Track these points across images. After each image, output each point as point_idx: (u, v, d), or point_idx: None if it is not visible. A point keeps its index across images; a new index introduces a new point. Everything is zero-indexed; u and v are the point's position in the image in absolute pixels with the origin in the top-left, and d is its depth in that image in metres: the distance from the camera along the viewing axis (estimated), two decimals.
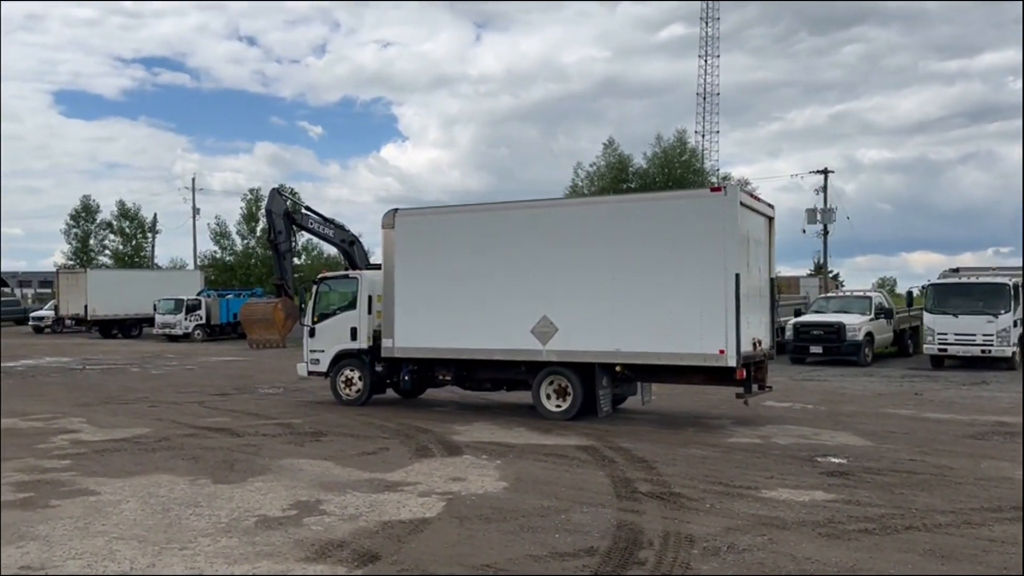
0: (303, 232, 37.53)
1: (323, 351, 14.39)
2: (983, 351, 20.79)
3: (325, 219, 34.35)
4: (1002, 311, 20.62)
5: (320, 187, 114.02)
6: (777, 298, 13.52)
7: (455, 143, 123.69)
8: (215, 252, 58.31)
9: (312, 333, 14.55)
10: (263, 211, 39.33)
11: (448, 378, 13.63)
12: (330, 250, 47.75)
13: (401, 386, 13.96)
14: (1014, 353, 20.73)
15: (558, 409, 12.37)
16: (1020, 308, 21.16)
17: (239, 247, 57.93)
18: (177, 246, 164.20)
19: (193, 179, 61.78)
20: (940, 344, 21.33)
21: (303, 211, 35.14)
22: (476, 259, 12.84)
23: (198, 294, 39.14)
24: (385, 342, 13.46)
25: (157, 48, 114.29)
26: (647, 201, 12.98)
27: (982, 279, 22.28)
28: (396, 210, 13.58)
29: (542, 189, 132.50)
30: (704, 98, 61.40)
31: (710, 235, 11.23)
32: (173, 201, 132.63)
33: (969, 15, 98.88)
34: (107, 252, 62.36)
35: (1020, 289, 21.37)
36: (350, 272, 15.17)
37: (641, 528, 6.62)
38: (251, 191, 58.27)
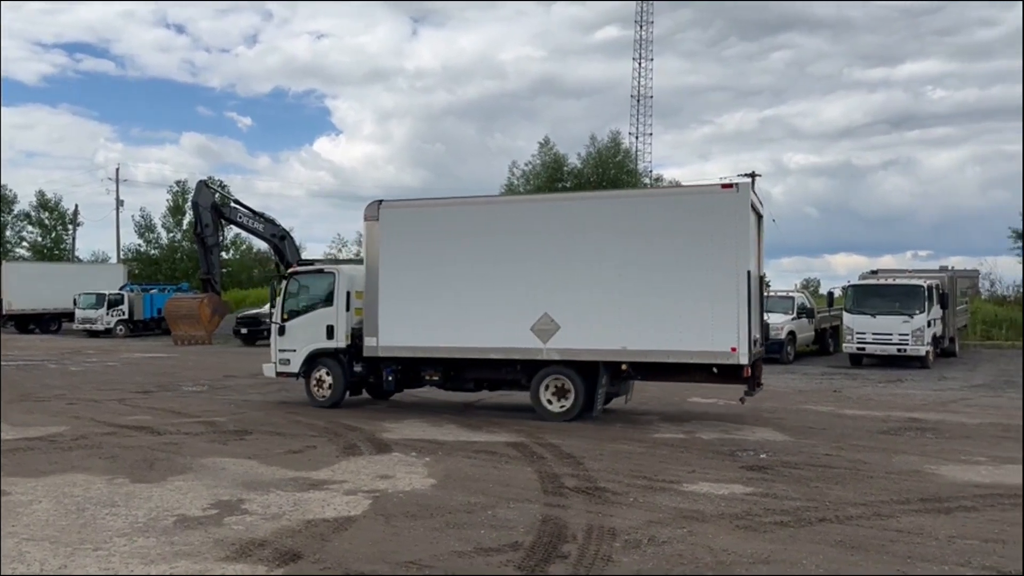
0: (231, 226, 36.75)
1: (294, 351, 13.55)
2: (899, 350, 21.64)
3: (254, 213, 33.68)
4: (917, 311, 21.50)
5: (250, 180, 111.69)
6: (766, 296, 13.42)
7: (390, 138, 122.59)
8: (139, 245, 56.74)
9: (282, 331, 13.70)
10: (190, 204, 38.37)
11: (435, 378, 13.00)
12: (260, 245, 46.93)
13: (384, 387, 13.27)
14: (928, 352, 21.65)
15: (561, 409, 12.01)
16: (935, 309, 22.13)
17: (165, 241, 56.45)
18: (99, 239, 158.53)
19: (117, 170, 59.80)
20: (859, 343, 22.13)
21: (231, 204, 34.43)
22: (471, 254, 12.33)
23: (121, 288, 37.97)
24: (368, 341, 12.78)
25: (80, 34, 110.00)
26: (655, 196, 12.86)
27: (899, 281, 23.22)
28: (380, 201, 12.96)
29: (479, 186, 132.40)
30: (638, 100, 62.40)
31: (721, 232, 11.12)
32: (95, 192, 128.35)
33: (892, 25, 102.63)
34: (25, 244, 59.99)
35: (935, 291, 22.35)
36: (325, 266, 14.40)
37: (566, 522, 6.70)
38: (177, 183, 56.91)
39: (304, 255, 42.29)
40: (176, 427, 11.48)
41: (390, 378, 13.09)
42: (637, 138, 60.61)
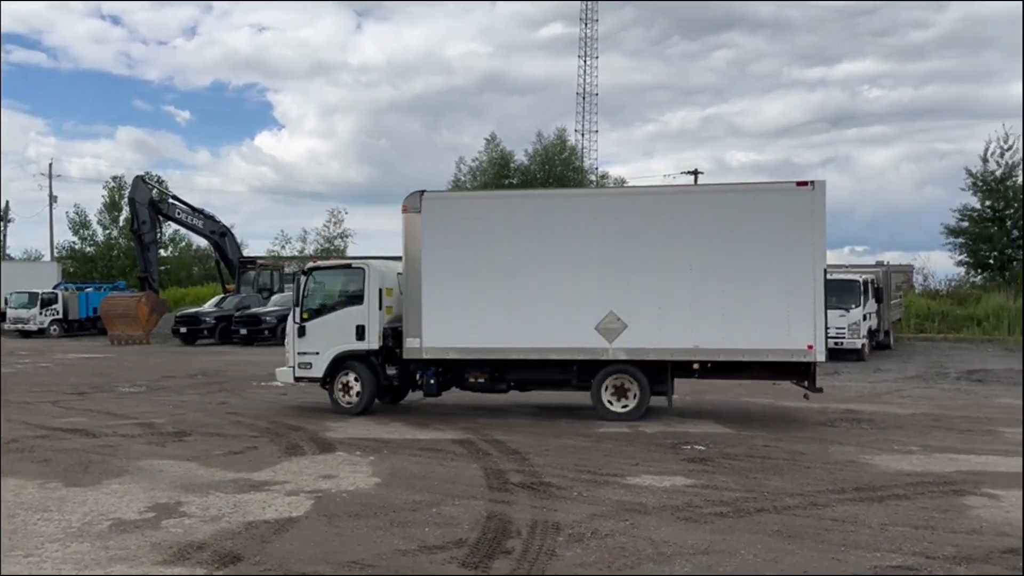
0: (170, 223, 35.89)
1: (317, 353, 12.37)
2: (836, 343, 22.12)
3: (194, 209, 32.97)
4: (853, 306, 22.07)
5: (189, 175, 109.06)
6: None
7: (334, 133, 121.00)
8: (74, 243, 54.92)
9: (302, 332, 12.45)
10: (126, 200, 37.37)
11: (480, 380, 12.31)
12: (200, 242, 45.96)
13: (425, 391, 12.43)
14: (863, 345, 22.25)
15: (624, 410, 11.74)
16: (870, 303, 22.76)
17: (100, 238, 54.77)
18: (32, 236, 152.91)
19: (50, 165, 58.01)
20: None
21: (169, 200, 33.65)
22: (528, 250, 11.75)
23: (54, 287, 36.73)
24: (410, 342, 11.95)
25: (10, 24, 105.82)
26: (729, 192, 12.16)
27: (836, 276, 23.76)
28: (423, 192, 12.28)
29: (425, 182, 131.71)
30: (583, 98, 62.72)
31: (798, 229, 11.11)
32: (27, 188, 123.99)
33: (830, 25, 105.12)
34: None
35: (871, 286, 22.98)
36: (353, 261, 13.23)
37: (510, 518, 6.72)
38: (113, 178, 55.32)
39: (246, 252, 41.70)
40: (112, 429, 11.18)
41: (432, 381, 12.30)
42: (583, 135, 60.96)
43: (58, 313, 34.57)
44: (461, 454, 9.46)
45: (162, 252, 45.23)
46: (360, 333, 12.28)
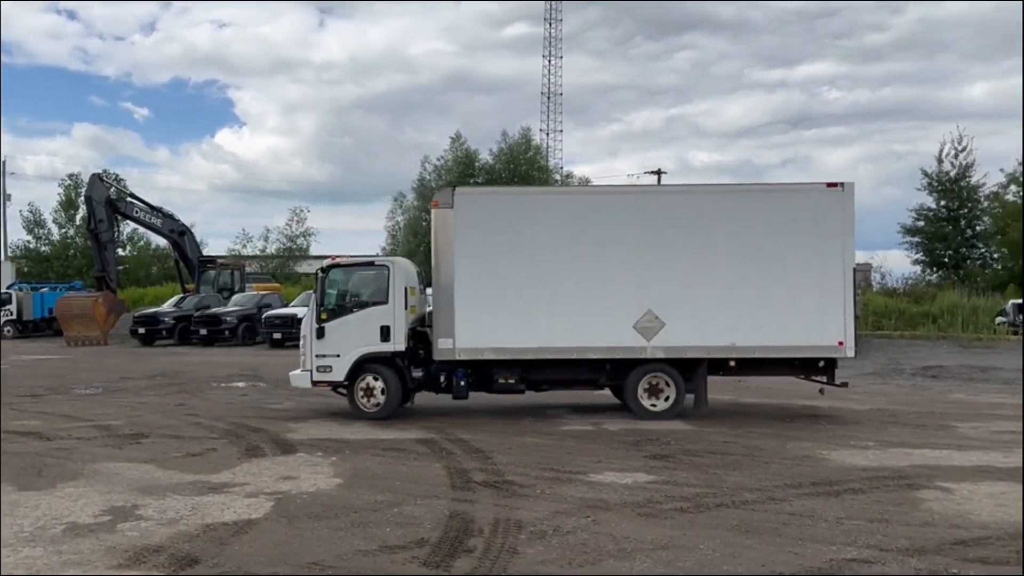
0: (128, 221, 35.33)
1: (338, 355, 11.76)
2: None
3: (152, 207, 32.47)
4: None
5: (148, 173, 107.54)
6: None
7: (296, 131, 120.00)
8: (28, 242, 53.69)
9: (321, 334, 11.77)
10: (83, 198, 36.62)
11: (510, 381, 11.98)
12: (159, 241, 45.24)
13: (455, 392, 12.01)
14: None
15: (664, 407, 11.74)
16: None
17: (56, 237, 53.64)
18: None
19: (3, 162, 56.47)
20: None
21: (127, 199, 33.09)
22: (565, 248, 11.62)
23: (9, 287, 35.92)
24: (443, 343, 11.62)
25: None
26: (764, 192, 12.27)
27: None
28: (455, 187, 12.08)
29: (389, 181, 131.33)
30: (548, 97, 62.96)
31: (829, 229, 11.44)
32: None
33: (790, 27, 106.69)
34: None
35: None
36: (376, 258, 12.66)
37: (473, 517, 6.72)
38: (70, 176, 54.29)
39: (206, 251, 41.15)
40: (67, 432, 10.96)
41: (463, 382, 11.94)
42: (548, 135, 61.20)
43: (12, 314, 33.78)
44: (424, 453, 9.43)
45: (120, 251, 44.44)
46: (385, 334, 11.75)
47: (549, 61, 63.03)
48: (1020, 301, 33.26)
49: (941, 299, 32.85)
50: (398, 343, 11.78)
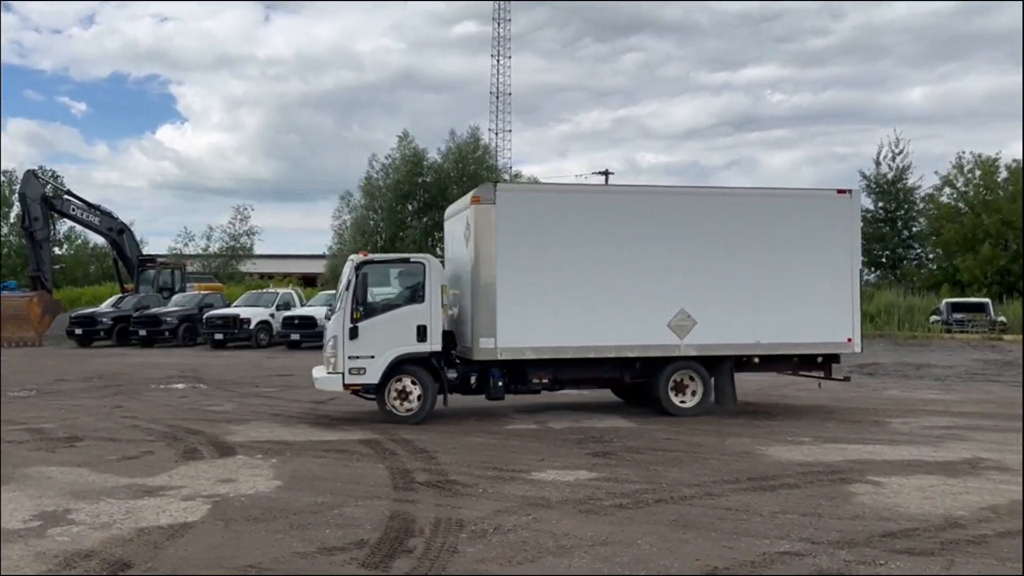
0: (64, 219, 34.36)
1: (372, 356, 11.23)
2: None
3: (90, 205, 31.65)
4: None
5: (86, 170, 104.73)
6: None
7: (241, 127, 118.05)
8: None
9: (354, 334, 11.22)
10: (16, 195, 35.47)
11: (544, 380, 11.87)
12: (97, 239, 44.10)
13: (492, 392, 11.71)
14: None
15: (692, 404, 11.97)
16: None
17: None
18: None
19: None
20: None
21: (64, 196, 32.20)
22: (604, 246, 11.65)
23: None
24: (484, 343, 11.31)
25: None
26: (783, 197, 12.93)
27: None
28: (496, 183, 11.72)
29: (337, 179, 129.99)
30: (497, 97, 63.01)
31: (839, 232, 12.20)
32: None
33: (734, 31, 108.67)
34: None
35: None
36: (411, 255, 12.19)
37: (414, 517, 6.70)
38: (3, 173, 52.46)
39: (146, 250, 40.21)
40: None
41: (500, 383, 11.67)
42: (497, 134, 61.25)
43: None
44: (367, 454, 9.37)
45: (56, 250, 43.22)
46: (421, 334, 11.34)
47: (498, 61, 63.16)
48: (953, 300, 34.40)
49: (878, 299, 33.77)
50: (435, 343, 11.42)
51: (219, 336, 26.24)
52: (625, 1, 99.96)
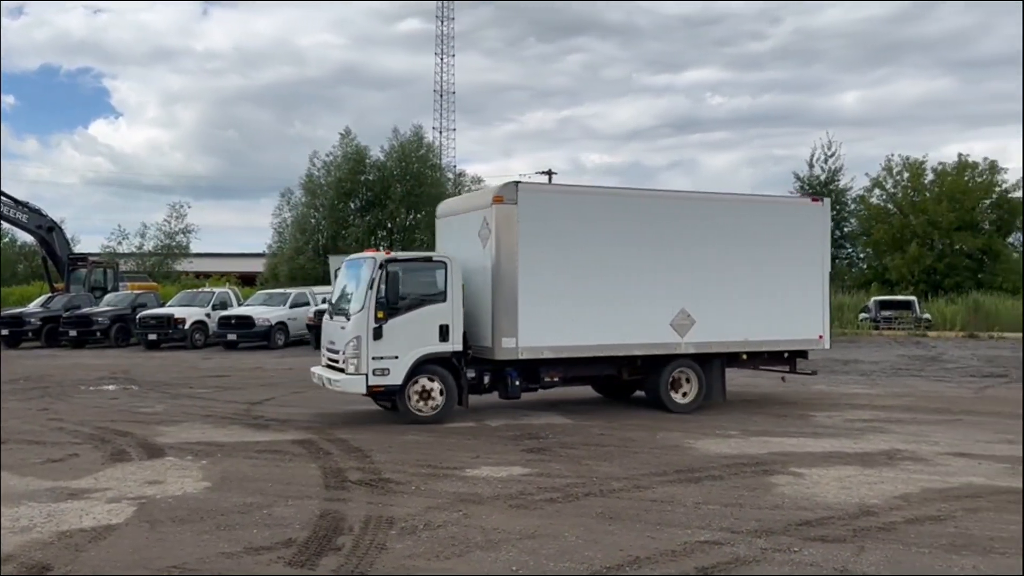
0: None
1: (396, 357, 11.02)
2: None
3: (17, 202, 30.68)
4: None
5: (15, 165, 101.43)
6: None
7: (177, 122, 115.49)
8: None
9: (378, 334, 11.00)
10: None
11: (555, 379, 12.01)
12: (25, 237, 42.68)
13: (509, 392, 11.74)
14: None
15: (689, 400, 12.41)
16: None
17: None
18: None
19: None
20: None
21: None
22: (619, 247, 11.96)
23: None
24: (506, 342, 11.30)
25: None
26: (769, 203, 13.82)
27: None
28: (517, 183, 11.68)
29: (277, 176, 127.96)
30: (441, 95, 62.86)
31: (813, 236, 13.17)
32: None
33: (675, 34, 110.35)
34: None
35: None
36: (433, 254, 11.98)
37: (344, 516, 6.71)
38: None
39: (78, 248, 39.06)
40: None
41: (517, 382, 11.68)
42: (441, 133, 61.14)
43: None
44: (300, 454, 9.32)
45: None
46: (444, 333, 11.25)
47: (441, 59, 63.04)
48: (881, 298, 35.58)
49: None
50: (456, 342, 11.36)
51: (153, 336, 25.65)
52: (568, 1, 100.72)
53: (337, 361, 11.42)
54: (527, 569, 5.48)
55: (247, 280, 46.70)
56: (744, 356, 12.94)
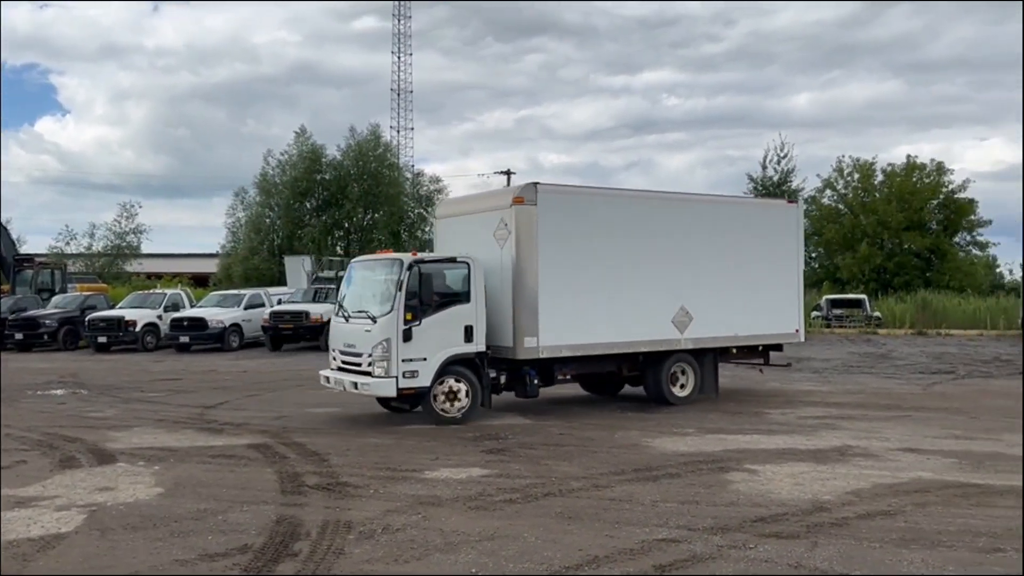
0: None
1: (424, 359, 10.98)
2: None
3: None
4: None
5: None
6: None
7: (127, 120, 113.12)
8: None
9: (408, 336, 10.93)
10: None
11: (568, 377, 12.50)
12: None
13: (528, 391, 11.88)
14: None
15: (687, 392, 13.03)
16: None
17: None
18: None
19: None
20: None
21: None
22: (632, 248, 12.39)
23: None
24: (528, 341, 11.45)
25: None
26: (752, 205, 15.02)
27: None
28: (536, 184, 11.71)
29: (230, 175, 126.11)
30: (398, 94, 62.44)
31: (789, 236, 14.01)
32: None
33: (631, 35, 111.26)
34: None
35: None
36: (457, 255, 11.73)
37: (301, 521, 6.63)
38: None
39: (24, 249, 38.07)
40: None
41: (535, 381, 11.86)
42: (398, 132, 60.72)
43: None
44: (256, 459, 9.18)
45: None
46: (468, 334, 11.30)
47: (399, 57, 62.56)
48: (832, 297, 36.29)
49: None
50: (480, 343, 11.40)
51: (102, 339, 25.09)
52: (525, 1, 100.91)
53: (358, 364, 11.26)
54: (486, 571, 5.47)
55: (200, 281, 45.90)
56: (734, 351, 13.70)
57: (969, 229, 47.41)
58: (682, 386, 13.08)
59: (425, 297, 11.00)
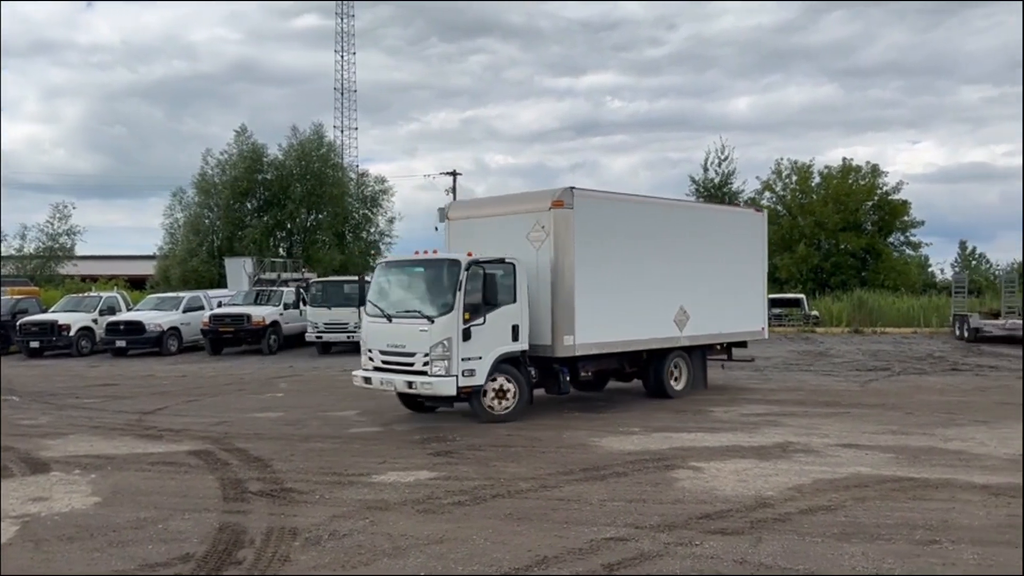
0: None
1: (480, 358, 11.16)
2: None
3: None
4: None
5: None
6: None
7: (59, 118, 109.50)
8: None
9: (467, 335, 11.02)
10: None
11: (589, 374, 13.10)
12: None
13: (561, 388, 12.33)
14: None
15: (682, 386, 13.97)
16: None
17: None
18: None
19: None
20: None
21: None
22: (652, 251, 13.23)
23: None
24: (565, 340, 11.86)
25: None
26: (732, 213, 16.49)
27: None
28: (572, 188, 11.97)
29: (168, 175, 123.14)
30: (342, 93, 61.74)
31: (758, 241, 15.35)
32: None
33: (575, 38, 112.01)
34: None
35: None
36: (504, 256, 11.77)
37: (245, 528, 6.50)
38: None
39: None
40: None
41: (567, 378, 12.33)
42: (342, 132, 60.00)
43: None
44: (197, 466, 8.97)
45: None
46: (515, 333, 11.60)
47: (342, 56, 61.77)
48: (771, 296, 37.01)
49: None
50: (524, 342, 11.72)
51: (35, 344, 24.27)
52: (468, 1, 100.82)
53: (410, 364, 11.25)
54: (435, 573, 5.43)
55: (137, 284, 44.69)
56: (718, 347, 14.80)
57: (903, 230, 48.96)
58: (676, 380, 13.96)
59: (489, 296, 11.17)
